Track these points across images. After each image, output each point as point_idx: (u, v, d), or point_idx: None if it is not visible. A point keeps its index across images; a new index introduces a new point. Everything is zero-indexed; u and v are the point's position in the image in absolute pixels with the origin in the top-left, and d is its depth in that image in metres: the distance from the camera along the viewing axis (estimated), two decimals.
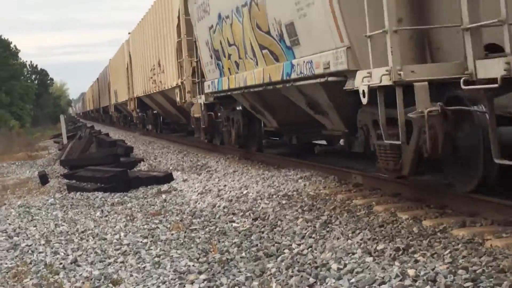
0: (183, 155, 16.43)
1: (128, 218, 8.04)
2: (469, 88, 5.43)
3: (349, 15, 6.70)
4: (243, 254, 5.70)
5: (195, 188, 9.99)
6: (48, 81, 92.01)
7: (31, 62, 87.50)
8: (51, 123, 70.54)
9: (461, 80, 5.44)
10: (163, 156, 16.80)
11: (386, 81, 5.97)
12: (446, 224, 5.97)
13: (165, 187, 10.65)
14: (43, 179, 12.96)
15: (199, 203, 8.67)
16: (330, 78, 7.38)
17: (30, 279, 5.51)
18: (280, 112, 11.04)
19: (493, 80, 5.13)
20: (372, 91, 6.32)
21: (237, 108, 12.82)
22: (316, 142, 12.18)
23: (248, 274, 5.02)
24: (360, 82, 6.50)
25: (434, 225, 5.99)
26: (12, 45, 68.27)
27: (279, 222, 6.89)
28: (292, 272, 4.98)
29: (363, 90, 6.43)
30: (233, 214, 7.70)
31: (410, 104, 5.96)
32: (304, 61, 7.92)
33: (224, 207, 8.13)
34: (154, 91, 21.65)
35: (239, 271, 5.17)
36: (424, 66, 6.13)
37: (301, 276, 4.81)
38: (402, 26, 6.21)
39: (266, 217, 7.25)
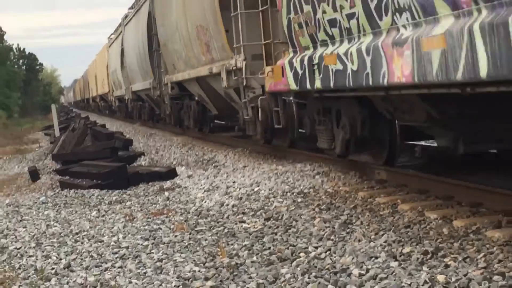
0: (187, 148, 16.46)
1: (127, 218, 8.07)
2: None
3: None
4: (254, 258, 5.70)
5: (201, 185, 10.01)
6: (37, 67, 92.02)
7: (18, 45, 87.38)
8: (41, 113, 70.74)
9: None
10: (166, 149, 16.83)
11: None
12: (480, 225, 5.95)
13: (168, 183, 10.68)
14: (34, 175, 13.02)
15: (205, 202, 8.68)
16: None
17: (19, 286, 5.54)
18: None
19: None
20: None
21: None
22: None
23: (260, 281, 5.03)
24: None
25: (466, 226, 5.98)
26: None
27: (294, 223, 6.90)
28: (309, 278, 4.98)
29: None
30: (243, 213, 7.71)
31: None
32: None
33: (233, 206, 8.15)
34: (104, 93, 46.23)
35: (250, 277, 5.18)
36: None
37: (319, 283, 4.81)
38: None
39: (280, 217, 7.26)
